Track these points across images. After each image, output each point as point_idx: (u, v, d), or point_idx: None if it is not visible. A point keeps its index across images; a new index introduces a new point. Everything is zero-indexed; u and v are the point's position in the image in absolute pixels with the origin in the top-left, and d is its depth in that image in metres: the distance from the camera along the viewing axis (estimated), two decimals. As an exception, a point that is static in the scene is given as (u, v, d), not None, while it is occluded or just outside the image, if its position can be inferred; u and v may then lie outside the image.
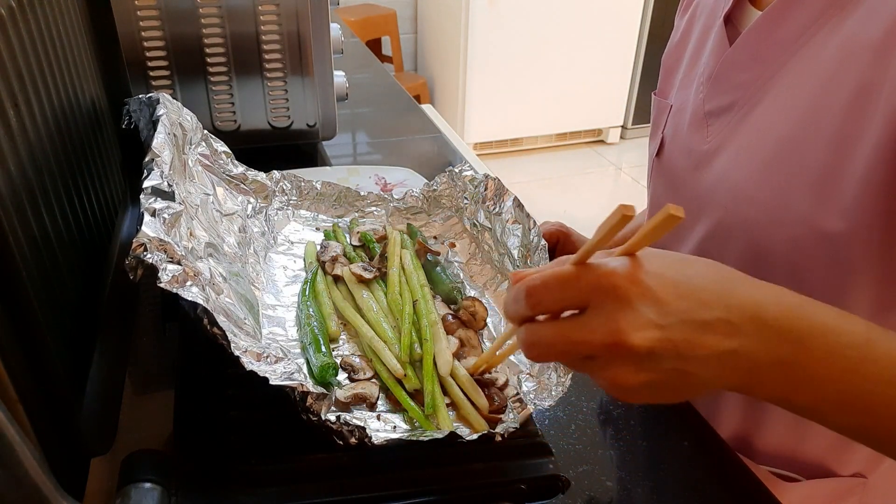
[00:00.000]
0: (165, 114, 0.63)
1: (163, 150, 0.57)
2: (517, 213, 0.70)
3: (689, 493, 0.56)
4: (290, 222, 0.78)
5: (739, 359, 0.37)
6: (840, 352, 0.38)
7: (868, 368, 0.38)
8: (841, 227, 0.53)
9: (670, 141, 0.72)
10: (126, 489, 0.43)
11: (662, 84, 0.77)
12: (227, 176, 0.73)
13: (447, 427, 0.53)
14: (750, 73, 0.60)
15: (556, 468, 0.50)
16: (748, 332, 0.37)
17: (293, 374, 0.49)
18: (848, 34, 0.52)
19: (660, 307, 0.36)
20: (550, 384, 0.54)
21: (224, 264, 0.58)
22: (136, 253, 0.46)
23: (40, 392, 0.41)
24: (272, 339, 0.60)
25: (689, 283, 0.37)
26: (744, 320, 0.37)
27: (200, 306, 0.46)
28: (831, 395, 0.38)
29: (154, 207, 0.51)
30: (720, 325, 0.37)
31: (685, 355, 0.37)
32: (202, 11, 0.88)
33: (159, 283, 0.46)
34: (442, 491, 0.48)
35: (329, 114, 1.01)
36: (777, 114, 0.57)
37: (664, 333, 0.36)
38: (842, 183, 0.52)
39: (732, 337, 0.37)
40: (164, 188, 0.53)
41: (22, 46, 0.48)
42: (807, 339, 0.38)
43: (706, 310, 0.37)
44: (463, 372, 0.57)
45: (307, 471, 0.48)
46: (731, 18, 0.64)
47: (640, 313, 0.36)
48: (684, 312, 0.36)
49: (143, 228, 0.48)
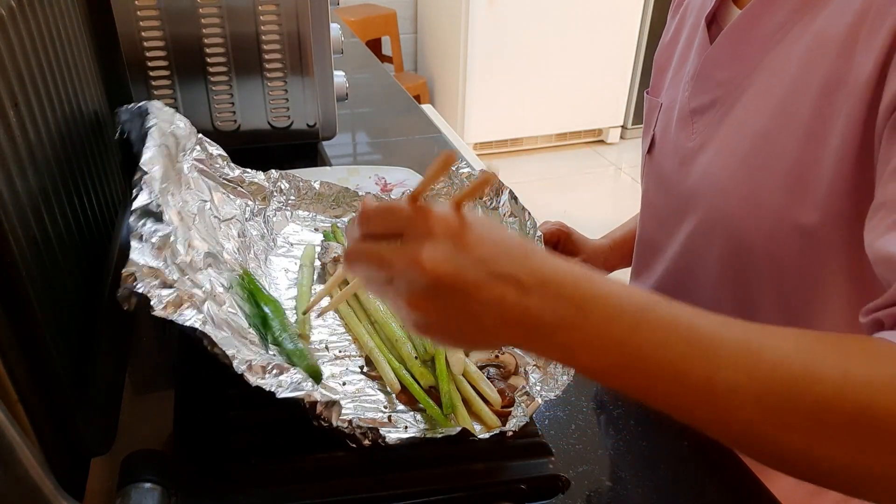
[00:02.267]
0: (156, 124, 0.62)
1: (153, 165, 0.56)
2: (513, 205, 0.70)
3: (689, 493, 0.56)
4: (288, 223, 0.78)
5: (523, 314, 0.39)
6: (618, 316, 0.39)
7: (643, 333, 0.38)
8: (814, 220, 0.54)
9: (660, 139, 0.73)
10: (126, 489, 0.43)
11: (654, 82, 0.78)
12: (223, 180, 0.73)
13: (467, 426, 0.53)
14: (730, 71, 0.62)
15: (556, 468, 0.50)
16: (536, 292, 0.39)
17: (301, 382, 0.48)
18: (817, 30, 0.54)
19: (461, 248, 0.40)
20: (556, 373, 0.54)
21: (225, 273, 0.58)
22: (126, 284, 0.45)
23: (40, 392, 0.41)
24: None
25: (494, 241, 0.41)
26: (534, 282, 0.39)
27: (199, 330, 0.46)
28: (612, 357, 0.39)
29: (141, 233, 0.50)
30: (511, 280, 0.39)
31: (472, 296, 0.39)
32: (202, 11, 0.88)
33: (153, 311, 0.45)
34: (442, 491, 0.48)
35: (329, 114, 1.01)
36: (754, 110, 0.59)
37: (457, 270, 0.39)
38: (814, 176, 0.53)
39: (520, 293, 0.39)
40: (152, 209, 0.52)
41: (22, 47, 0.48)
42: (588, 302, 0.39)
43: (502, 265, 0.40)
44: (473, 368, 0.57)
45: (307, 471, 0.48)
46: (716, 17, 0.66)
47: (441, 247, 0.39)
48: (481, 260, 0.40)
49: (132, 256, 0.47)
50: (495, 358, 0.60)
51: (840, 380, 0.36)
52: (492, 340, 0.43)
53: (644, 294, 0.40)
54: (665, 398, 0.39)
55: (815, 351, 0.38)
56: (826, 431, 0.36)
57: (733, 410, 0.37)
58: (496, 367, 0.58)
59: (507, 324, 0.40)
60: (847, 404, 0.35)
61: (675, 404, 0.39)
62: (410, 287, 0.40)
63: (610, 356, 0.39)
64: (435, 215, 0.41)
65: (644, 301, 0.39)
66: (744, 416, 0.37)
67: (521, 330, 0.40)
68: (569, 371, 0.53)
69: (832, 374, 0.36)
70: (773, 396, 0.36)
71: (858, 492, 0.38)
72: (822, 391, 0.36)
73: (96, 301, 0.61)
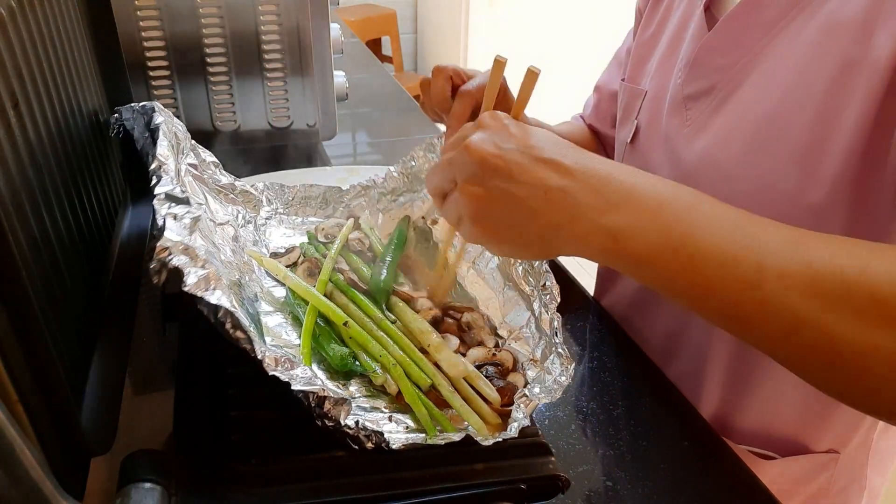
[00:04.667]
0: (163, 121, 0.63)
1: (168, 158, 0.57)
2: None
3: (689, 493, 0.56)
4: (280, 229, 0.78)
5: (565, 197, 0.40)
6: (668, 201, 0.40)
7: (693, 217, 0.39)
8: (823, 199, 0.55)
9: (646, 127, 0.73)
10: (126, 489, 0.43)
11: (633, 72, 0.78)
12: (216, 186, 0.72)
13: (472, 422, 0.53)
14: (730, 57, 0.62)
15: (555, 468, 0.50)
16: (579, 176, 0.41)
17: (311, 379, 0.48)
18: (827, 14, 0.55)
19: (506, 135, 0.43)
20: (555, 372, 0.54)
21: (225, 273, 0.58)
22: (160, 257, 0.45)
23: (40, 392, 0.41)
24: (276, 347, 0.60)
25: (538, 134, 0.44)
26: (576, 166, 0.41)
27: (223, 309, 0.45)
28: (661, 240, 0.39)
29: (175, 212, 0.50)
30: (553, 163, 0.41)
31: (515, 178, 0.41)
32: (202, 11, 0.88)
33: (185, 286, 0.45)
34: (442, 491, 0.48)
35: (329, 114, 1.01)
36: (759, 94, 0.59)
37: (501, 152, 0.42)
38: (825, 156, 0.54)
39: (563, 176, 0.41)
40: (177, 194, 0.53)
41: (22, 46, 0.48)
42: (637, 188, 0.40)
43: (545, 151, 0.42)
44: (471, 367, 0.57)
45: (307, 471, 0.48)
46: (711, 6, 0.67)
47: (487, 134, 0.43)
48: (524, 146, 0.42)
49: (166, 233, 0.47)
50: (492, 356, 0.59)
51: (893, 271, 0.35)
52: (539, 229, 0.42)
53: (688, 188, 0.41)
54: (710, 285, 0.38)
55: (863, 246, 0.37)
56: (879, 321, 0.35)
57: (783, 297, 0.36)
58: (494, 366, 0.58)
59: (551, 205, 0.41)
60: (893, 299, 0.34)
61: (719, 292, 0.38)
62: (462, 175, 0.43)
63: (659, 239, 0.39)
64: (486, 115, 0.45)
65: (692, 191, 0.41)
66: (794, 303, 0.36)
67: (567, 213, 0.40)
68: (568, 371, 0.53)
69: (884, 266, 0.35)
70: (826, 283, 0.36)
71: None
72: (876, 280, 0.35)
73: (96, 301, 0.61)
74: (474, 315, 0.64)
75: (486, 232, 0.44)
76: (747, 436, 0.68)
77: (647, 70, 0.75)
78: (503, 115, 0.45)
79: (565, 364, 0.54)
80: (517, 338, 0.62)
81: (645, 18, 0.79)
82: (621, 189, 0.40)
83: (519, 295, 0.65)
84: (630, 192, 0.40)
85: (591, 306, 0.80)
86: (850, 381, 0.37)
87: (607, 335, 0.75)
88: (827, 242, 0.38)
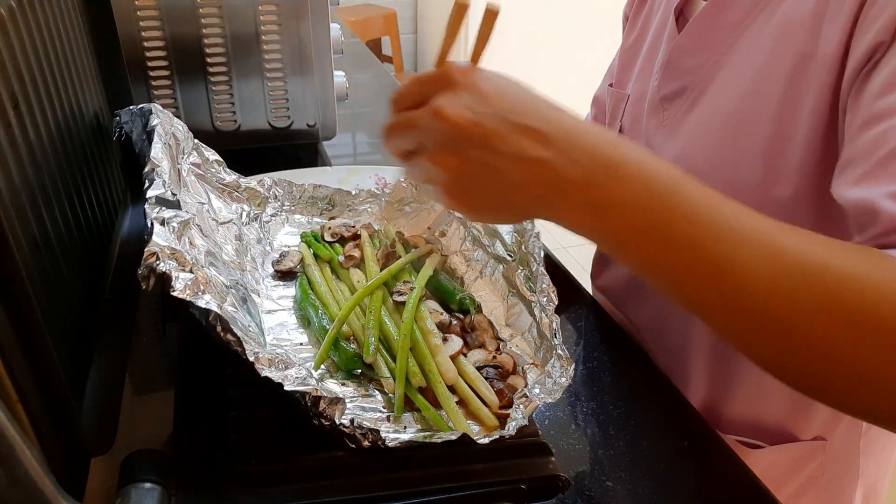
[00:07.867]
0: (160, 123, 0.63)
1: (161, 160, 0.57)
2: None
3: (690, 494, 0.56)
4: (284, 227, 0.78)
5: (546, 169, 0.38)
6: (649, 183, 0.38)
7: (673, 200, 0.38)
8: (790, 194, 0.56)
9: (629, 129, 0.75)
10: (126, 489, 0.43)
11: (619, 76, 0.80)
12: (220, 184, 0.72)
13: (461, 427, 0.53)
14: (699, 58, 0.63)
15: (555, 468, 0.50)
16: (560, 146, 0.39)
17: (305, 378, 0.49)
18: (784, 11, 0.56)
19: (481, 98, 0.40)
20: (555, 374, 0.54)
21: (224, 273, 0.58)
22: (148, 262, 0.45)
23: (40, 392, 0.41)
24: (277, 345, 0.60)
25: (515, 93, 0.41)
26: (558, 135, 0.39)
27: (213, 313, 0.46)
28: (640, 221, 0.38)
29: (163, 216, 0.51)
30: (533, 132, 0.39)
31: (494, 147, 0.39)
32: (202, 11, 0.88)
33: (172, 291, 0.45)
34: (442, 491, 0.48)
35: (329, 114, 1.01)
36: (726, 92, 0.61)
37: (477, 118, 0.39)
38: (788, 150, 0.55)
39: (544, 146, 0.39)
40: (167, 197, 0.53)
41: (22, 47, 0.48)
42: (619, 166, 0.39)
43: (524, 116, 0.39)
44: (471, 369, 0.57)
45: (307, 471, 0.48)
46: (684, 9, 0.68)
47: (461, 97, 0.40)
48: (502, 110, 0.39)
49: (154, 238, 0.47)
50: (493, 358, 0.60)
51: (850, 271, 0.36)
52: (518, 201, 0.41)
53: (671, 166, 0.40)
54: (677, 271, 0.38)
55: (829, 245, 0.38)
56: (832, 319, 0.35)
57: (747, 290, 0.37)
58: (494, 368, 0.58)
59: (531, 177, 0.39)
60: (855, 297, 0.35)
61: (686, 280, 0.38)
62: (434, 141, 0.40)
63: (638, 220, 0.38)
64: (454, 70, 0.41)
65: (673, 172, 0.39)
66: (757, 297, 0.37)
67: (547, 187, 0.39)
68: (567, 372, 0.53)
69: (843, 265, 0.36)
70: (787, 279, 0.36)
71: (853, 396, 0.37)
72: (834, 280, 0.36)
73: (96, 301, 0.61)
74: (479, 317, 0.64)
75: (463, 202, 0.43)
76: (736, 425, 0.68)
77: (632, 74, 0.77)
78: (473, 70, 0.42)
79: (565, 365, 0.54)
80: (518, 342, 0.63)
81: (629, 24, 0.80)
82: (604, 163, 0.39)
83: (521, 301, 0.66)
84: (614, 168, 0.39)
85: (588, 303, 0.80)
86: (820, 379, 0.37)
87: (607, 335, 0.75)
88: (796, 234, 0.38)
